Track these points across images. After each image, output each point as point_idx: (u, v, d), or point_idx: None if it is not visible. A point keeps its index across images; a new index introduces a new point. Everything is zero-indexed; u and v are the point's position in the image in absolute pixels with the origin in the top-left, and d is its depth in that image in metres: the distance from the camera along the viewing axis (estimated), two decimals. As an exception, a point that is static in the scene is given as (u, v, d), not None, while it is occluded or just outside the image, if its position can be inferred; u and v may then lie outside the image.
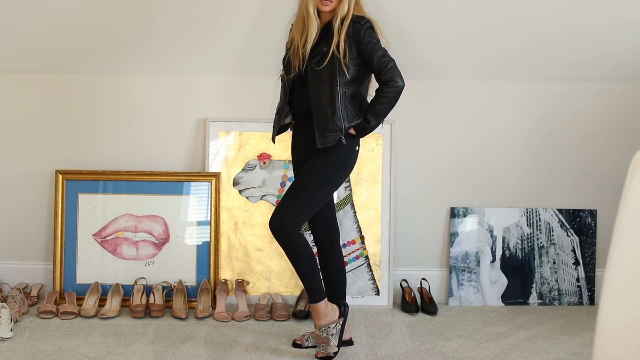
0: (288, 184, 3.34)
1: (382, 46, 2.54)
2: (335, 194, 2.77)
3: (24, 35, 3.15)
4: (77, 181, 3.35)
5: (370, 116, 2.58)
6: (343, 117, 2.54)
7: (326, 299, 2.65)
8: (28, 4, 2.97)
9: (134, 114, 3.42)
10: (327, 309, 2.64)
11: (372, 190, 3.37)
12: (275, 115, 2.75)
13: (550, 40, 3.16)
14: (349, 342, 2.77)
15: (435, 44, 3.19)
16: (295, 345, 2.76)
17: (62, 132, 3.42)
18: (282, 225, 2.56)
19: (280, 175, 3.37)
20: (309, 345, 2.75)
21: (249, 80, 3.37)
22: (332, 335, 2.62)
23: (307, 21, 2.56)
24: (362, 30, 2.53)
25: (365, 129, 2.61)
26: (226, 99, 3.41)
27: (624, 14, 3.00)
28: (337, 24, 2.52)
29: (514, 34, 3.13)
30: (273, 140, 2.77)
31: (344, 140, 2.56)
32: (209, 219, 3.35)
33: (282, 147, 3.35)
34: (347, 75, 2.54)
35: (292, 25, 2.70)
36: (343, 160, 2.63)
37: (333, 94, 2.53)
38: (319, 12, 2.57)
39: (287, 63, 2.64)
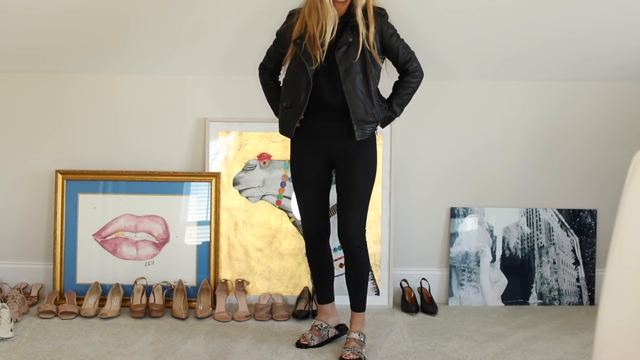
0: (288, 184, 3.34)
1: None
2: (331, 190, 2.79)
3: (23, 35, 3.15)
4: (77, 181, 3.35)
5: (397, 107, 2.66)
6: (378, 108, 2.58)
7: None
8: (28, 2, 2.97)
9: (134, 114, 3.42)
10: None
11: (373, 190, 3.36)
12: (286, 108, 2.61)
13: (551, 41, 3.16)
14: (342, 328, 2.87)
15: (436, 44, 3.19)
16: (300, 345, 2.75)
17: (62, 132, 3.41)
18: (360, 240, 2.68)
19: (280, 175, 3.37)
20: (315, 344, 2.74)
21: (249, 80, 3.36)
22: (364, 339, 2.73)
23: (321, 11, 2.49)
24: (385, 22, 2.59)
25: (391, 119, 2.68)
26: (226, 99, 3.41)
27: (624, 15, 3.00)
28: (359, 14, 2.50)
29: (514, 35, 3.13)
30: (291, 135, 2.62)
31: (376, 132, 2.64)
32: (209, 219, 3.34)
33: (282, 147, 3.35)
34: (379, 67, 2.59)
35: (293, 13, 2.63)
36: (376, 153, 2.70)
37: (369, 86, 2.55)
38: (333, 2, 2.51)
39: (304, 53, 2.52)
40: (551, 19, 3.05)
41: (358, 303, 2.74)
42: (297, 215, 3.34)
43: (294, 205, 3.33)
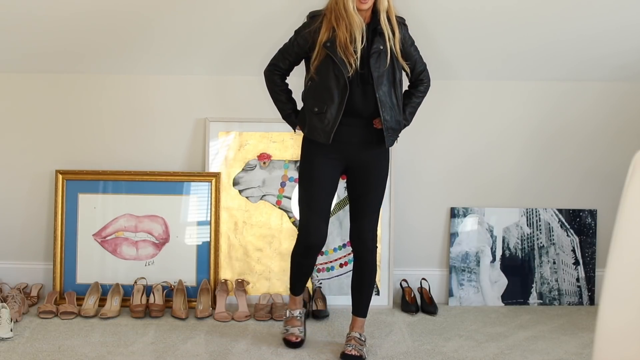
0: (288, 184, 3.34)
1: None
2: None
3: (24, 35, 3.15)
4: (77, 181, 3.35)
5: (409, 115, 2.71)
6: (401, 116, 2.63)
7: None
8: (28, 3, 2.97)
9: (134, 114, 3.42)
10: None
11: (372, 190, 3.37)
12: (318, 113, 2.53)
13: (551, 41, 3.17)
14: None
15: (436, 44, 3.19)
16: (293, 344, 2.76)
17: (62, 132, 3.41)
18: (373, 244, 2.70)
19: (280, 175, 3.37)
20: (304, 335, 2.81)
21: (249, 80, 3.37)
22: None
23: (347, 19, 2.47)
24: (407, 30, 2.64)
25: (404, 126, 2.70)
26: (226, 99, 3.41)
27: (624, 15, 3.00)
28: (385, 20, 2.51)
29: (515, 35, 3.13)
30: (329, 141, 2.53)
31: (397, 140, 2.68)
32: (209, 219, 3.34)
33: (282, 147, 3.35)
34: (404, 74, 2.63)
35: (317, 15, 2.57)
36: (389, 160, 2.74)
37: (397, 94, 2.59)
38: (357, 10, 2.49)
39: (340, 60, 2.47)
40: (551, 19, 3.05)
41: (362, 308, 2.75)
42: (297, 215, 3.34)
43: (294, 205, 3.33)
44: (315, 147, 2.61)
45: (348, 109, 2.52)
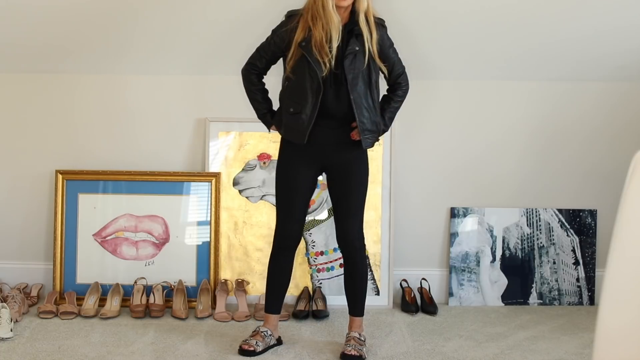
0: (288, 184, 3.34)
1: None
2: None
3: (23, 35, 3.15)
4: (77, 181, 3.35)
5: (388, 120, 2.68)
6: (379, 118, 2.61)
7: None
8: (28, 3, 2.97)
9: (134, 114, 3.42)
10: None
11: (372, 190, 3.37)
12: (294, 114, 2.53)
13: (551, 41, 3.17)
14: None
15: (436, 44, 3.19)
16: (245, 352, 2.62)
17: (62, 132, 3.41)
18: (361, 244, 2.70)
19: (280, 175, 3.37)
20: (260, 350, 2.64)
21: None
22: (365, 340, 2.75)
23: (324, 17, 2.45)
24: (385, 32, 2.61)
25: (383, 132, 2.67)
26: (226, 99, 3.41)
27: (624, 15, 3.00)
28: (363, 21, 2.49)
29: (515, 35, 3.13)
30: (305, 141, 2.53)
31: (378, 142, 2.68)
32: (209, 219, 3.34)
33: (282, 147, 3.35)
34: (382, 75, 2.61)
35: (294, 14, 2.57)
36: (368, 161, 2.71)
37: (373, 95, 2.57)
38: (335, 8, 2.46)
39: (315, 60, 2.47)
40: (551, 19, 3.05)
41: (358, 308, 2.75)
42: (297, 215, 3.34)
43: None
44: (292, 148, 2.62)
45: (322, 110, 2.52)
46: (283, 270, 2.75)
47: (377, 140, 2.64)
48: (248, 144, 3.38)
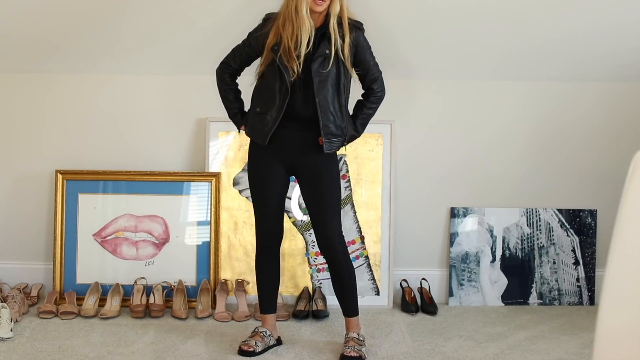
0: (288, 184, 3.33)
1: None
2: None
3: (24, 35, 3.15)
4: (77, 181, 3.35)
5: (360, 126, 2.66)
6: (347, 122, 2.58)
7: None
8: (27, 3, 2.97)
9: (134, 114, 3.42)
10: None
11: (372, 190, 3.37)
12: (260, 114, 2.55)
13: (550, 40, 3.17)
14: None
15: (436, 44, 3.19)
16: (245, 353, 2.63)
17: (62, 132, 3.42)
18: (342, 246, 2.66)
19: (280, 175, 3.36)
20: (260, 350, 2.66)
21: (250, 80, 3.36)
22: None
23: (296, 22, 2.45)
24: (361, 35, 2.57)
25: (354, 138, 2.66)
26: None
27: (623, 14, 3.00)
28: (333, 24, 2.47)
29: (514, 34, 3.13)
30: (267, 142, 2.56)
31: (345, 146, 2.63)
32: (209, 219, 3.35)
33: (282, 147, 3.34)
34: (350, 79, 2.58)
35: (269, 18, 2.58)
36: (338, 165, 2.69)
37: (340, 99, 2.55)
38: (309, 12, 2.46)
39: (284, 66, 2.48)
40: (550, 18, 3.05)
41: (351, 309, 2.72)
42: (297, 215, 3.34)
43: (294, 205, 3.33)
44: (259, 149, 2.64)
45: (289, 112, 2.53)
46: (270, 269, 2.75)
47: (344, 145, 2.61)
48: (248, 144, 3.37)
